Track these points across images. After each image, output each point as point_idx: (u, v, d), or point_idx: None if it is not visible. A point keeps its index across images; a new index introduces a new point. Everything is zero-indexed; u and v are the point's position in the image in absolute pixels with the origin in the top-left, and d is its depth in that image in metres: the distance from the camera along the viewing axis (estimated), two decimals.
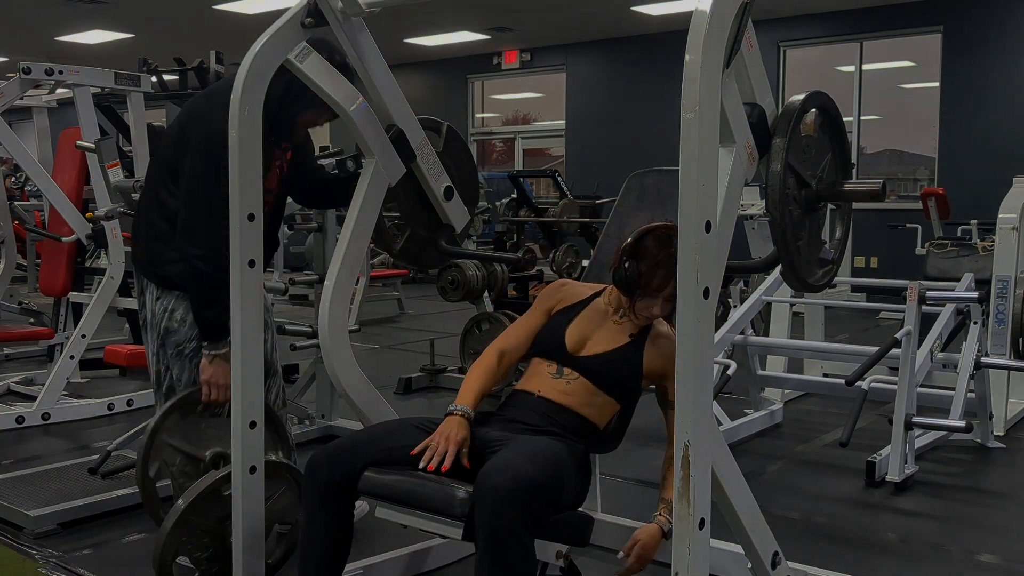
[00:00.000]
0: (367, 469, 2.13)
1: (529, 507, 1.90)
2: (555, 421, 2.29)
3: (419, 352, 6.25)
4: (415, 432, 2.22)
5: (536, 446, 2.10)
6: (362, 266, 5.90)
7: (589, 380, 2.34)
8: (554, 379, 2.36)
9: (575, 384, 2.34)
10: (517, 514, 1.87)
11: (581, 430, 2.31)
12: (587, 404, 2.33)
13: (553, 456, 2.09)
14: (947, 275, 5.60)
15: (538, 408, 2.31)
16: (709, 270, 1.62)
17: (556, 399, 2.32)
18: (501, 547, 1.86)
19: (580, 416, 2.32)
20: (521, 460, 1.97)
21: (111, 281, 4.84)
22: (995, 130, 9.31)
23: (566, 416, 2.30)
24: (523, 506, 1.88)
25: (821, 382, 4.87)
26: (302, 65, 2.51)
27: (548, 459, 2.05)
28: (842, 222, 2.56)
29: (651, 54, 11.41)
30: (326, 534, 2.16)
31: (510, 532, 1.86)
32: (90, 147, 4.29)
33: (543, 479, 1.97)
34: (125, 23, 11.06)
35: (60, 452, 4.10)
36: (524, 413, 2.32)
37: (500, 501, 1.87)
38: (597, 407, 2.35)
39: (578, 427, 2.31)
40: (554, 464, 2.06)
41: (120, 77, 4.83)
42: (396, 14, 10.07)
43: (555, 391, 2.33)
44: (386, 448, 2.17)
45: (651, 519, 2.22)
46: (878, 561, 2.96)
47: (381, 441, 2.20)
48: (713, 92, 1.63)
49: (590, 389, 2.34)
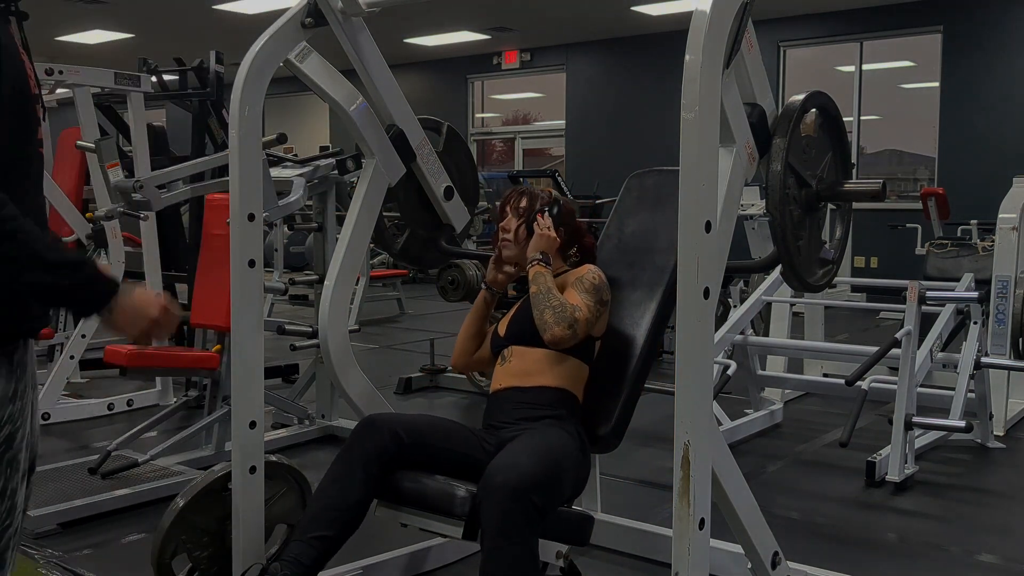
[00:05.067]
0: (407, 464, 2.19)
1: (533, 504, 1.93)
2: (529, 404, 2.35)
3: (419, 352, 6.24)
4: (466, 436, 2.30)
5: (533, 439, 2.13)
6: (362, 266, 5.89)
7: (519, 343, 2.45)
8: (502, 367, 2.47)
9: (514, 359, 2.45)
10: (521, 512, 1.90)
11: (555, 401, 2.36)
12: (538, 370, 2.40)
13: (552, 446, 2.13)
14: (947, 275, 5.60)
15: (507, 398, 2.40)
16: (709, 270, 1.62)
17: (514, 383, 2.41)
18: (506, 545, 1.88)
19: (543, 389, 2.37)
20: (523, 458, 1.99)
21: None
22: (995, 130, 9.30)
23: (531, 394, 2.37)
24: (527, 503, 1.91)
25: (821, 382, 4.87)
26: (302, 65, 2.52)
27: (547, 451, 2.09)
28: (842, 222, 2.56)
29: (651, 54, 11.41)
30: (352, 494, 2.17)
31: (515, 530, 1.89)
32: (90, 147, 4.28)
33: (545, 473, 2.01)
34: (125, 23, 11.06)
35: (60, 452, 4.10)
36: (502, 409, 2.39)
37: (505, 499, 1.89)
38: (549, 369, 2.40)
39: (551, 400, 2.36)
40: (553, 454, 2.10)
41: (120, 77, 4.82)
42: (396, 14, 10.07)
43: (510, 376, 2.43)
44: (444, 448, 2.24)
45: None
46: (878, 561, 2.96)
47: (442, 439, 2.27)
48: (713, 92, 1.63)
49: (525, 352, 2.43)
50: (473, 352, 2.66)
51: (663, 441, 4.18)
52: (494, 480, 1.94)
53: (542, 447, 2.08)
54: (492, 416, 2.43)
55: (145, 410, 4.76)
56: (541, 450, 2.06)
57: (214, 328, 3.75)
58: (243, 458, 2.36)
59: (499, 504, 1.89)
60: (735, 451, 2.85)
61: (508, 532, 1.88)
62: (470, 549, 2.85)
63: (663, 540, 2.74)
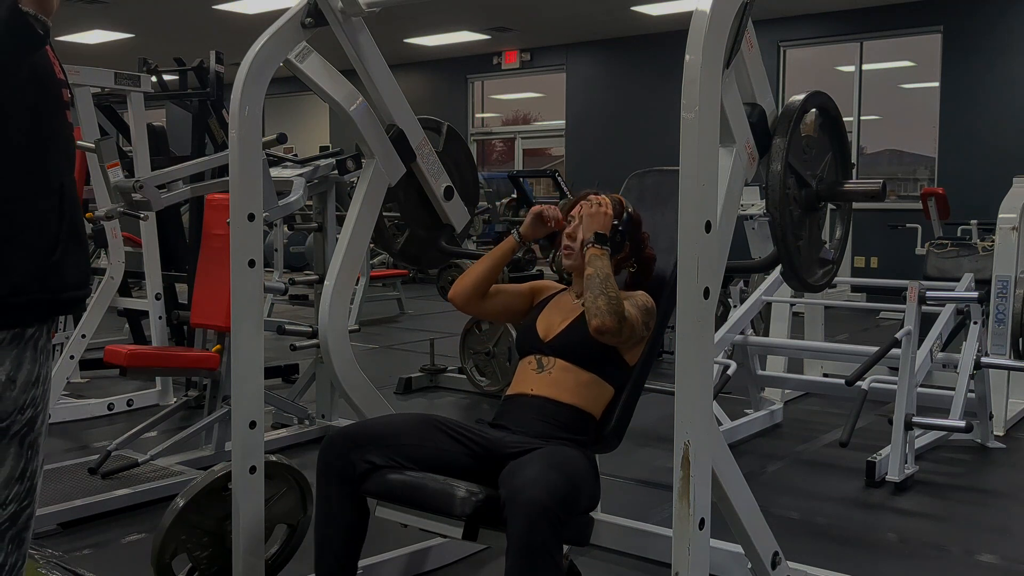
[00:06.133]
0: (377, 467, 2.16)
1: (560, 520, 1.93)
2: (557, 421, 2.30)
3: (419, 352, 6.25)
4: (440, 435, 2.25)
5: (557, 457, 2.09)
6: (362, 266, 5.90)
7: (565, 360, 2.38)
8: (538, 375, 2.39)
9: (556, 371, 2.37)
10: (550, 529, 1.90)
11: (581, 426, 2.33)
12: (576, 391, 2.34)
13: (576, 466, 2.12)
14: (947, 275, 5.61)
15: (535, 406, 2.33)
16: (709, 270, 1.62)
17: (549, 394, 2.34)
18: (534, 561, 1.88)
19: (576, 409, 2.33)
20: (554, 475, 1.97)
21: (111, 281, 4.84)
22: (995, 130, 9.30)
23: (564, 412, 2.32)
24: (556, 520, 1.91)
25: (821, 382, 4.87)
26: (302, 65, 2.52)
27: (572, 470, 2.07)
28: (842, 222, 2.56)
29: (651, 54, 11.41)
30: (341, 516, 2.19)
31: (543, 547, 1.89)
32: (90, 147, 4.28)
33: (572, 491, 2.01)
34: (125, 23, 11.06)
35: (60, 452, 4.10)
36: (525, 415, 2.33)
37: (535, 516, 1.88)
38: (587, 392, 2.36)
39: (578, 423, 2.32)
40: (578, 474, 2.10)
41: (120, 77, 4.82)
42: (396, 14, 10.07)
43: (544, 386, 2.36)
44: (407, 445, 2.20)
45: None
46: (878, 561, 2.96)
47: (403, 438, 2.22)
48: (713, 92, 1.63)
49: (571, 370, 2.36)
50: (480, 297, 2.55)
51: (663, 441, 4.18)
52: (523, 495, 1.91)
53: (567, 465, 2.07)
54: (508, 417, 2.37)
55: (145, 410, 4.76)
56: (567, 468, 2.05)
57: (214, 328, 3.74)
58: (243, 458, 2.37)
59: (529, 520, 1.88)
60: (735, 451, 2.86)
61: (536, 548, 1.88)
62: (470, 549, 2.86)
63: (663, 540, 2.74)
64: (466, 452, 2.24)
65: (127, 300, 5.29)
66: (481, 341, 5.15)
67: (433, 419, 2.31)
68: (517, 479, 1.97)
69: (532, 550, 1.88)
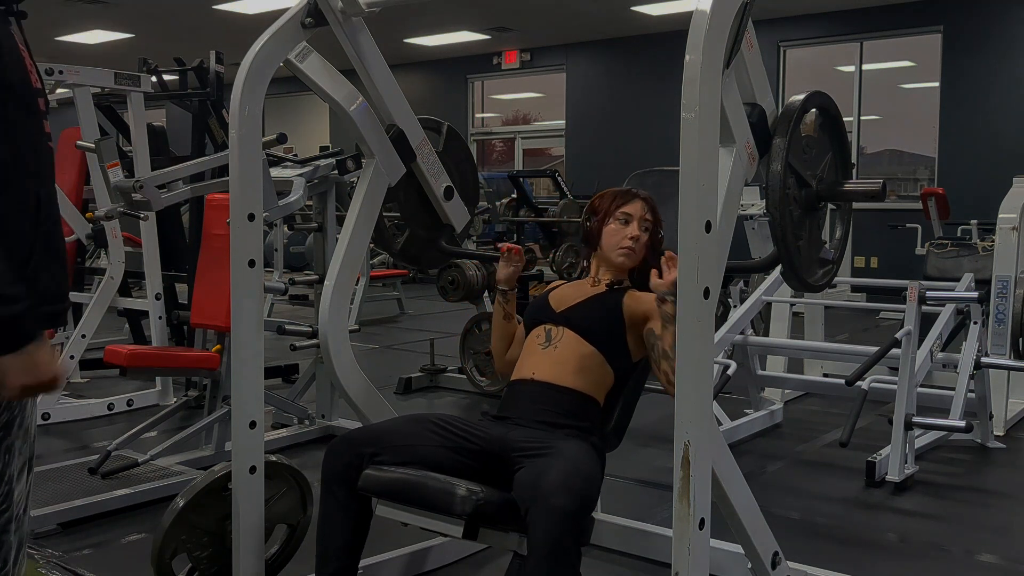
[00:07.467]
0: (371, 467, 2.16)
1: (583, 526, 1.96)
2: (560, 409, 2.31)
3: (419, 352, 6.24)
4: (433, 436, 2.25)
5: (575, 459, 2.09)
6: (362, 266, 5.90)
7: (575, 331, 2.39)
8: (544, 350, 2.41)
9: (563, 346, 2.38)
10: (573, 535, 1.91)
11: (584, 412, 2.33)
12: (578, 371, 2.35)
13: (592, 466, 2.12)
14: (947, 275, 5.60)
15: (537, 394, 2.34)
16: (709, 270, 1.63)
17: (552, 379, 2.35)
18: (559, 567, 1.89)
19: (578, 394, 2.34)
20: (578, 481, 1.98)
21: (111, 281, 4.85)
22: (995, 130, 9.30)
23: (567, 399, 2.33)
24: (579, 526, 1.93)
25: (821, 382, 4.86)
26: (302, 65, 2.52)
27: (589, 471, 2.08)
28: (842, 222, 2.56)
29: (651, 54, 11.40)
30: (345, 522, 2.20)
31: (565, 552, 1.90)
32: (90, 147, 4.28)
33: (593, 495, 2.03)
34: (125, 23, 11.06)
35: (60, 452, 4.10)
36: (528, 404, 2.34)
37: (560, 522, 1.89)
38: (589, 373, 2.36)
39: (581, 409, 2.33)
40: (594, 474, 2.11)
41: (120, 77, 4.83)
42: (396, 14, 10.07)
43: (548, 366, 2.37)
44: (410, 445, 2.21)
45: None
46: (878, 561, 2.96)
47: (406, 439, 2.24)
48: (713, 92, 1.63)
49: (579, 344, 2.37)
50: (512, 353, 2.60)
51: (663, 441, 4.18)
52: (549, 501, 1.91)
53: (584, 466, 2.07)
54: (509, 407, 2.37)
55: (145, 410, 4.76)
56: (584, 469, 2.05)
57: (214, 328, 3.74)
58: (243, 458, 2.37)
59: (557, 527, 1.88)
60: (735, 451, 2.85)
61: (559, 554, 1.89)
62: (470, 549, 2.86)
63: (663, 540, 2.74)
64: (469, 451, 2.24)
65: (127, 300, 5.29)
66: (481, 341, 5.14)
67: (435, 419, 2.32)
68: (542, 485, 1.95)
69: (557, 557, 1.89)
